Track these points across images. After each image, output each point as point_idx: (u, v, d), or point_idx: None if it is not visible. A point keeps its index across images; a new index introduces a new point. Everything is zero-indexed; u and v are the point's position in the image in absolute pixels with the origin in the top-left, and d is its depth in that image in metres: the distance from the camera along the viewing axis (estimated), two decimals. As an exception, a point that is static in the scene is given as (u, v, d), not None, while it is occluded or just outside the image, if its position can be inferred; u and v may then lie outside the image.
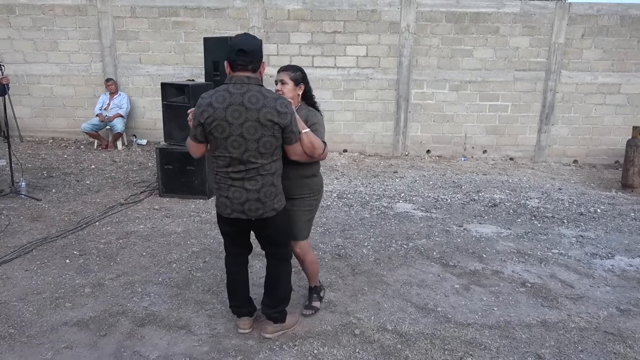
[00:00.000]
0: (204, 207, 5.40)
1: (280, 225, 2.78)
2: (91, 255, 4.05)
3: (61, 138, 8.78)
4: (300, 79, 2.86)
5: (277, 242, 2.84)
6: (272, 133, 2.50)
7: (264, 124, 2.47)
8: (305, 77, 2.91)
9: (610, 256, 4.30)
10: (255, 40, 2.64)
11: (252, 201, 2.60)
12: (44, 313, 3.14)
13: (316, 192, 2.98)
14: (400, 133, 8.50)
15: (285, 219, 2.81)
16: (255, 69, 2.56)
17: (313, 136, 2.69)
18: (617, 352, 2.86)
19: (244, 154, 2.51)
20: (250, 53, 2.52)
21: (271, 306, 2.89)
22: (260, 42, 2.80)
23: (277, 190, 2.67)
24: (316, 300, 3.24)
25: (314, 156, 2.74)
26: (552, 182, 7.08)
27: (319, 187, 3.01)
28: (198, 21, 8.28)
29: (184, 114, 5.46)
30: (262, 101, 2.48)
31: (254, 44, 2.58)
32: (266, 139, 2.50)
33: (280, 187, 2.70)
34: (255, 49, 2.56)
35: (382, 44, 8.23)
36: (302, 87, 2.89)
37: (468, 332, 3.04)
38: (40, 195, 5.57)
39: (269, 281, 2.91)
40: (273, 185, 2.63)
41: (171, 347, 2.81)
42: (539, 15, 8.03)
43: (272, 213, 2.66)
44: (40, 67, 8.55)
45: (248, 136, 2.48)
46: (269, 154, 2.55)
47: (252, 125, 2.47)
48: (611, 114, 8.32)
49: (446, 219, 5.21)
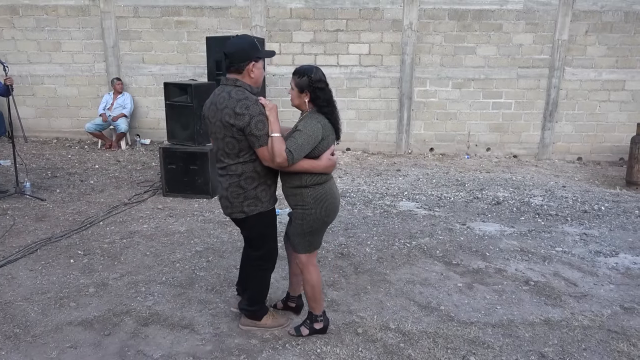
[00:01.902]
0: (208, 206, 5.42)
1: (252, 230, 2.78)
2: (95, 255, 4.07)
3: (65, 138, 8.82)
4: (305, 86, 2.60)
5: (251, 246, 2.87)
6: (232, 134, 2.54)
7: (225, 125, 2.54)
8: (314, 82, 2.60)
9: (614, 254, 4.29)
10: (240, 42, 2.62)
11: (223, 198, 2.74)
12: (48, 313, 3.16)
13: (309, 205, 2.67)
14: (404, 131, 8.48)
15: (259, 226, 2.75)
16: (239, 70, 2.58)
17: (278, 142, 2.49)
18: (620, 350, 2.85)
19: (217, 152, 2.67)
20: (230, 55, 2.59)
21: (243, 302, 3.00)
22: (251, 42, 2.62)
23: (247, 194, 2.64)
24: (305, 327, 2.94)
25: (273, 163, 2.53)
26: (556, 180, 7.05)
27: (313, 201, 2.66)
28: (200, 20, 8.29)
29: (187, 114, 5.53)
30: (225, 102, 2.54)
31: (236, 46, 2.59)
32: (228, 139, 2.56)
33: (251, 192, 2.64)
34: (235, 50, 2.58)
35: (385, 42, 8.21)
36: (307, 94, 2.62)
37: (471, 330, 3.04)
38: (44, 195, 5.60)
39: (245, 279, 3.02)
40: (240, 187, 2.63)
41: (175, 346, 2.82)
42: (542, 11, 7.99)
43: (241, 215, 2.69)
44: (44, 68, 8.59)
45: (217, 135, 2.61)
46: (233, 154, 2.59)
47: (218, 125, 2.57)
48: (615, 111, 8.28)
49: (449, 217, 5.20)
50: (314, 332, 2.93)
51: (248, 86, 2.61)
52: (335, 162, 2.70)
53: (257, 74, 2.63)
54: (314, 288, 2.83)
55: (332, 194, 2.74)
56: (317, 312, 2.91)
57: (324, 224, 2.77)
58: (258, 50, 2.63)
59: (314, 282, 2.83)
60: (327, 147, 2.66)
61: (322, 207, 2.69)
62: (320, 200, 2.68)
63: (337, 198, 2.79)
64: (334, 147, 2.71)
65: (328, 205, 2.71)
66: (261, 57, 2.66)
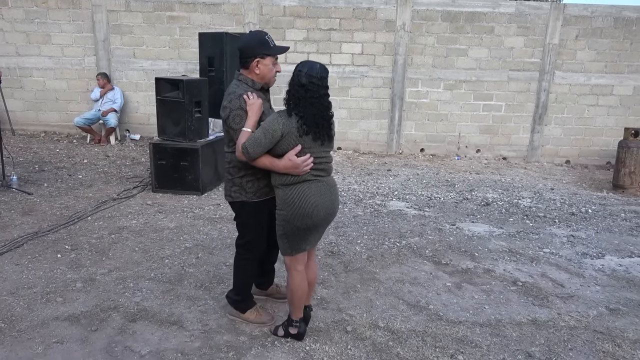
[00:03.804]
0: (198, 203, 5.39)
1: (236, 216, 2.91)
2: (83, 250, 4.03)
3: (53, 132, 8.72)
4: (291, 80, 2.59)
5: (237, 232, 2.96)
6: (225, 125, 2.69)
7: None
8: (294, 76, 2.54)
9: (600, 256, 4.34)
10: (249, 38, 2.74)
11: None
12: (34, 307, 3.12)
13: (279, 206, 2.62)
14: (395, 131, 8.51)
15: (242, 215, 2.86)
16: (246, 65, 2.69)
17: (242, 136, 2.53)
18: (606, 350, 2.89)
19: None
20: (239, 51, 2.72)
21: (230, 291, 3.07)
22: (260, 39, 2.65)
23: (234, 181, 2.78)
24: (282, 328, 2.89)
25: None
26: (545, 182, 7.13)
27: (281, 202, 2.60)
28: (193, 16, 8.24)
29: (179, 109, 5.49)
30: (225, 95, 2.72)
31: (244, 42, 2.74)
32: (225, 128, 2.72)
33: (237, 180, 2.75)
34: (242, 46, 2.71)
35: (378, 42, 8.23)
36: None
37: (459, 329, 3.06)
38: (31, 189, 5.53)
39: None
40: (229, 173, 2.79)
41: (163, 342, 2.80)
42: (533, 15, 8.06)
43: (229, 199, 2.84)
44: (33, 60, 8.48)
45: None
46: (226, 143, 2.77)
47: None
48: (604, 115, 8.39)
49: (439, 217, 5.23)
50: (289, 336, 2.86)
51: (250, 81, 2.68)
52: (297, 165, 2.50)
53: (263, 70, 2.66)
54: (292, 293, 2.77)
55: (304, 198, 2.56)
56: (293, 317, 2.85)
57: (297, 229, 2.61)
58: (266, 47, 2.64)
59: (293, 287, 2.76)
60: (292, 147, 2.52)
61: (289, 211, 2.58)
62: (287, 203, 2.58)
63: (314, 204, 2.57)
64: (299, 148, 2.52)
65: (296, 210, 2.56)
66: (269, 54, 2.66)
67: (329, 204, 2.66)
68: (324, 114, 2.57)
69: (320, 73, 2.56)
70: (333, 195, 2.70)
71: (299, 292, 2.77)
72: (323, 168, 2.65)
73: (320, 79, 2.55)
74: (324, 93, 2.57)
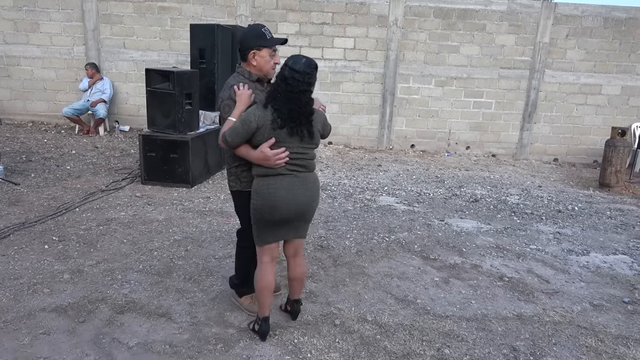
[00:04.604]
0: (187, 195, 5.37)
1: (234, 204, 2.95)
2: (71, 241, 4.00)
3: (41, 122, 8.61)
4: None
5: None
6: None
7: None
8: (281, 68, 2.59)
9: (585, 253, 4.41)
10: (246, 31, 2.79)
11: None
12: (21, 298, 3.09)
13: (256, 196, 2.62)
14: (386, 127, 8.54)
15: (237, 204, 2.91)
16: (244, 57, 2.74)
17: (226, 124, 2.58)
18: (589, 345, 2.95)
19: None
20: (239, 44, 2.78)
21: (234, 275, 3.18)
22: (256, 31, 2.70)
23: (230, 170, 2.82)
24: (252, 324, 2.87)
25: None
26: (533, 180, 7.20)
27: (259, 193, 2.60)
28: (185, 7, 8.16)
29: (169, 101, 5.45)
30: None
31: (241, 35, 2.81)
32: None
33: (233, 169, 2.79)
34: (241, 39, 2.76)
35: (370, 37, 8.23)
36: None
37: (446, 324, 3.09)
38: (18, 180, 5.47)
39: None
40: (227, 163, 2.87)
41: (151, 334, 2.80)
42: (525, 14, 8.11)
43: (229, 188, 2.90)
44: (21, 49, 8.35)
45: None
46: None
47: None
48: (592, 114, 8.49)
49: (428, 213, 5.27)
50: (255, 332, 2.82)
51: (247, 72, 2.75)
52: (268, 157, 2.51)
53: (259, 62, 2.71)
54: (255, 284, 2.75)
55: (274, 191, 2.56)
56: (259, 314, 2.80)
57: (266, 221, 2.62)
58: (262, 39, 2.69)
59: (256, 277, 2.74)
60: (266, 139, 2.52)
61: (259, 201, 2.60)
62: (258, 193, 2.61)
63: (283, 198, 2.57)
64: (272, 141, 2.51)
65: (265, 202, 2.58)
66: (265, 45, 2.69)
67: (301, 200, 2.63)
68: (301, 110, 2.53)
69: (304, 68, 2.51)
70: (309, 191, 2.66)
71: (259, 284, 2.73)
72: (301, 164, 2.62)
73: (302, 74, 2.51)
74: (304, 89, 2.53)
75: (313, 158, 2.70)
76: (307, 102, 2.56)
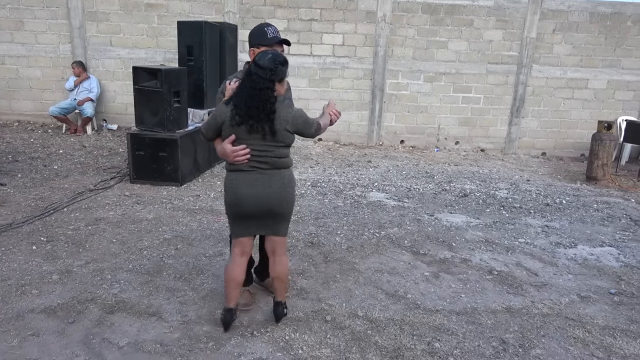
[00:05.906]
0: (177, 194, 5.34)
1: None
2: (59, 241, 3.96)
3: (27, 121, 8.50)
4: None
5: None
6: None
7: None
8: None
9: (573, 245, 4.47)
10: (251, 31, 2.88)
11: None
12: (9, 300, 3.06)
13: (223, 189, 2.73)
14: (375, 123, 8.55)
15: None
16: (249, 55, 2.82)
17: (209, 117, 2.69)
18: (576, 336, 2.99)
19: None
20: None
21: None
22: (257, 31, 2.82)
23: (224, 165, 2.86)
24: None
25: None
26: (521, 174, 7.27)
27: (225, 187, 2.70)
28: (172, 4, 8.09)
29: (157, 99, 5.41)
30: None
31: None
32: None
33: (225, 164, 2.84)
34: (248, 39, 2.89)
35: (359, 33, 8.23)
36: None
37: (436, 318, 3.12)
38: (5, 180, 5.40)
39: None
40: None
41: (141, 334, 2.79)
42: (512, 9, 8.16)
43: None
44: (5, 47, 8.23)
45: None
46: None
47: None
48: (578, 109, 8.57)
49: (418, 208, 5.30)
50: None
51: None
52: (227, 153, 2.56)
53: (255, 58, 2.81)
54: (224, 275, 2.81)
55: (236, 186, 2.62)
56: (225, 304, 2.84)
57: (232, 214, 2.71)
58: (262, 37, 2.79)
59: (225, 269, 2.82)
60: (228, 135, 2.55)
61: (225, 195, 2.71)
62: (224, 186, 2.72)
63: (243, 194, 2.60)
64: (233, 137, 2.54)
65: (227, 196, 2.68)
66: (263, 43, 2.77)
67: (263, 197, 2.61)
68: (260, 107, 2.47)
69: (267, 64, 2.46)
70: (272, 189, 2.62)
71: (226, 275, 2.78)
72: (265, 161, 2.59)
73: (265, 70, 2.45)
74: (267, 87, 2.46)
75: (282, 156, 2.63)
76: (268, 99, 2.48)
